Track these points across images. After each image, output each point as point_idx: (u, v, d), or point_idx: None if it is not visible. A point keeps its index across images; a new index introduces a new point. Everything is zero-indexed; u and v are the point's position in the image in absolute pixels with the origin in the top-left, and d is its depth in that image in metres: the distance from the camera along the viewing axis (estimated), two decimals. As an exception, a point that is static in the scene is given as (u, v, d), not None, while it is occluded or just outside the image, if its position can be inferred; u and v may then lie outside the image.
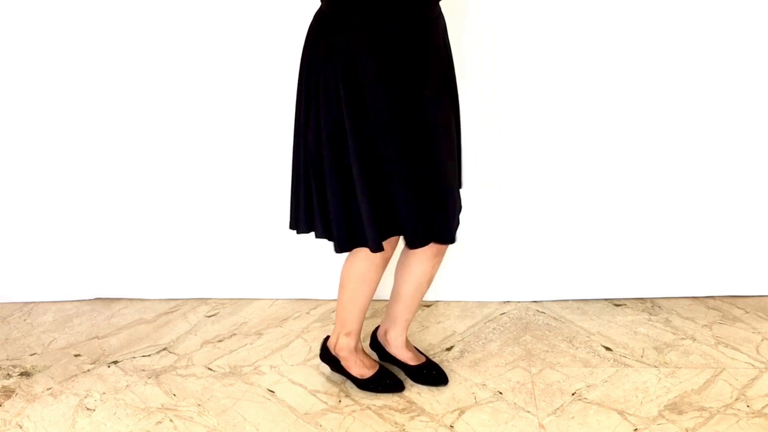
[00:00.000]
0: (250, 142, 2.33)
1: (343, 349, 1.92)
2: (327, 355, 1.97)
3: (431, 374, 1.93)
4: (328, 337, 1.99)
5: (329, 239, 1.74)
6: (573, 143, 2.23)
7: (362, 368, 1.92)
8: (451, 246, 2.28)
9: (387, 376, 1.93)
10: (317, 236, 1.78)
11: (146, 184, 2.40)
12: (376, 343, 2.02)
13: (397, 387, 1.92)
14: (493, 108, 2.21)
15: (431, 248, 1.77)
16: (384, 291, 2.29)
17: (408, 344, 1.97)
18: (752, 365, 1.95)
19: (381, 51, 1.58)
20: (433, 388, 1.91)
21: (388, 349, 1.97)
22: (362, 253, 1.77)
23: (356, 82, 1.59)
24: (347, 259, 1.83)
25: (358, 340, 1.93)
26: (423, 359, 1.96)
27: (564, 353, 2.05)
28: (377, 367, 1.94)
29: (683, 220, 2.27)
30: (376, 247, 1.68)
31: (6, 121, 2.36)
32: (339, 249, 1.72)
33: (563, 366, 1.99)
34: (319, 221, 1.74)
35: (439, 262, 1.83)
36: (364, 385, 1.92)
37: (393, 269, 1.92)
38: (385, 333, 1.96)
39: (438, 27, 1.68)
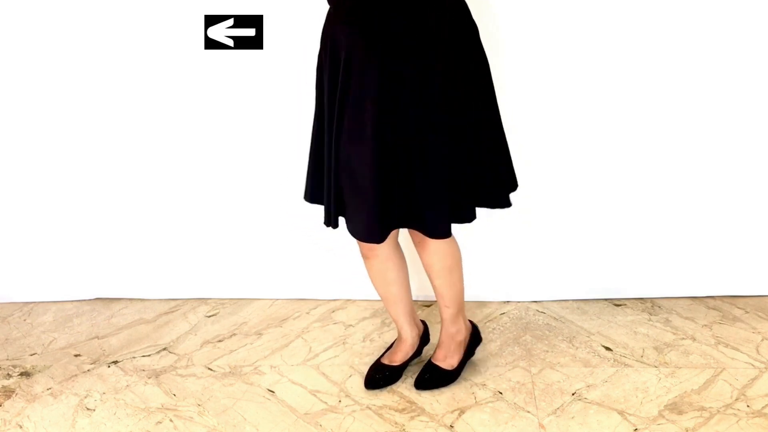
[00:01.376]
0: (249, 142, 2.33)
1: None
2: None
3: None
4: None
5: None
6: (572, 143, 2.23)
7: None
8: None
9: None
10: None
11: (146, 184, 2.40)
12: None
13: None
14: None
15: (422, 240, 1.78)
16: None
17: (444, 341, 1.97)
18: (752, 365, 1.95)
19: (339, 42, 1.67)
20: (434, 389, 1.91)
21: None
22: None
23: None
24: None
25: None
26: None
27: (564, 353, 2.05)
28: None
29: (683, 220, 2.27)
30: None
31: (6, 121, 2.36)
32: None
33: (563, 366, 1.99)
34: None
35: (435, 252, 1.79)
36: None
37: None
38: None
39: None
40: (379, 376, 1.93)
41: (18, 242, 2.48)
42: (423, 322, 2.06)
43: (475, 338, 2.00)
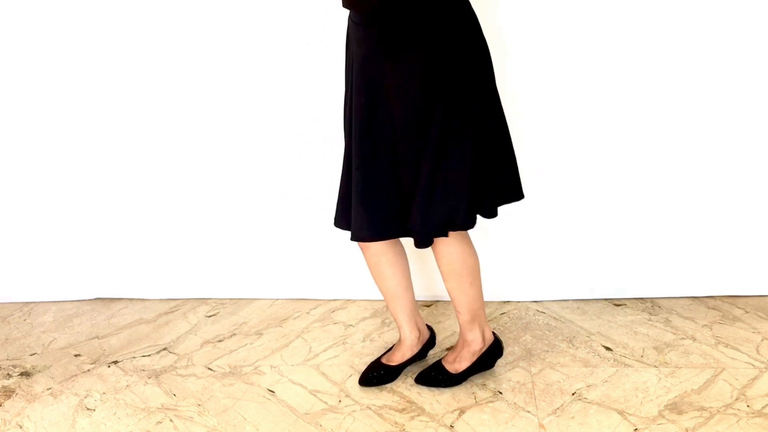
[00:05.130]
0: (249, 142, 2.33)
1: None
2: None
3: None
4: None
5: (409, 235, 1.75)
6: (573, 143, 2.23)
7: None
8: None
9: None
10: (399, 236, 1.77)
11: (146, 184, 2.40)
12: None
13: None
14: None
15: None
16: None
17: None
18: (752, 365, 1.95)
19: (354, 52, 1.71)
20: (434, 388, 1.91)
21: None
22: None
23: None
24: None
25: None
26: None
27: (564, 353, 2.05)
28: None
29: (683, 220, 2.27)
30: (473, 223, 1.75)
31: (6, 121, 2.37)
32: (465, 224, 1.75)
33: (563, 366, 1.99)
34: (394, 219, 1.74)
35: (465, 246, 1.83)
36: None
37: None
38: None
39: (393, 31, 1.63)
40: (373, 375, 1.93)
41: (18, 242, 2.48)
42: (430, 327, 2.05)
43: (495, 351, 1.96)
